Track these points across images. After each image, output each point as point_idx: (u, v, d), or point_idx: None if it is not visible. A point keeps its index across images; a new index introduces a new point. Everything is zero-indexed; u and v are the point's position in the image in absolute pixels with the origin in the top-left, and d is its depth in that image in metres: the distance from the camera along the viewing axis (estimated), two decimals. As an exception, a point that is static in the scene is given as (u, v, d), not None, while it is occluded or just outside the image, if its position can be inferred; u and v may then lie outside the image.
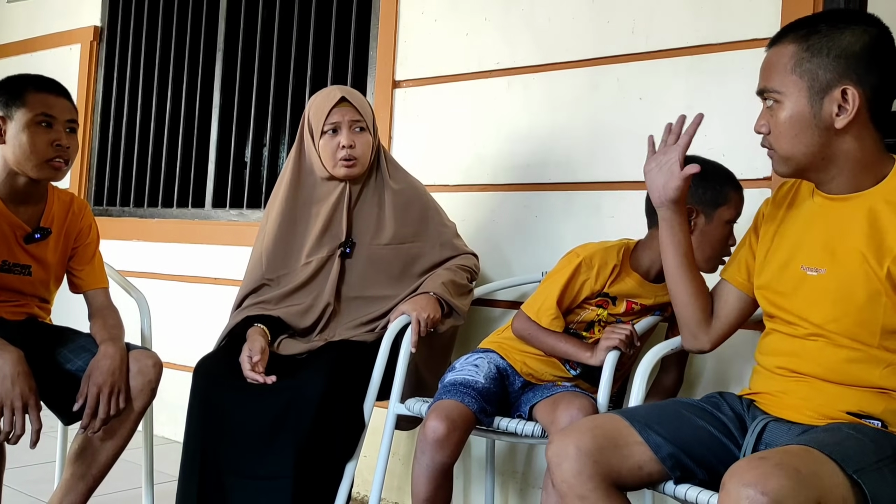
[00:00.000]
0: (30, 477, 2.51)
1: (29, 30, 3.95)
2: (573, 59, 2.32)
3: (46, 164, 1.85)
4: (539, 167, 2.37)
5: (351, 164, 2.01)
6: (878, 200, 1.31)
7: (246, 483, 1.79)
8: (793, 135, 1.32)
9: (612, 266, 1.76)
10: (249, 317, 2.01)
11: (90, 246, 2.05)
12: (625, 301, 1.77)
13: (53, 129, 1.86)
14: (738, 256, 1.54)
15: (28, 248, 1.92)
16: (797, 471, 1.07)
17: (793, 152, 1.33)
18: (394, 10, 2.70)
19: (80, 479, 1.82)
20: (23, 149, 1.83)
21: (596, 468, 1.29)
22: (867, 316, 1.29)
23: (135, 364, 1.82)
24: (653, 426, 1.34)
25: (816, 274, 1.35)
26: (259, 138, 3.26)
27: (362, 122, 2.03)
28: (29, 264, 1.93)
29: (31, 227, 1.92)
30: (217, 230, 3.18)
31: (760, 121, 1.38)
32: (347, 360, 1.91)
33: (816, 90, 1.29)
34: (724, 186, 1.70)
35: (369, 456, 2.40)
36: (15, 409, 1.63)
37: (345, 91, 2.05)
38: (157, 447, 2.21)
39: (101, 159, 3.70)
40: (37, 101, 1.85)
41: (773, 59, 1.34)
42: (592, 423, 1.36)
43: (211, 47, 3.36)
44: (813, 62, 1.29)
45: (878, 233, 1.29)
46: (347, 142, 1.99)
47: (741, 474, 1.09)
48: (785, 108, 1.32)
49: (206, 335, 2.18)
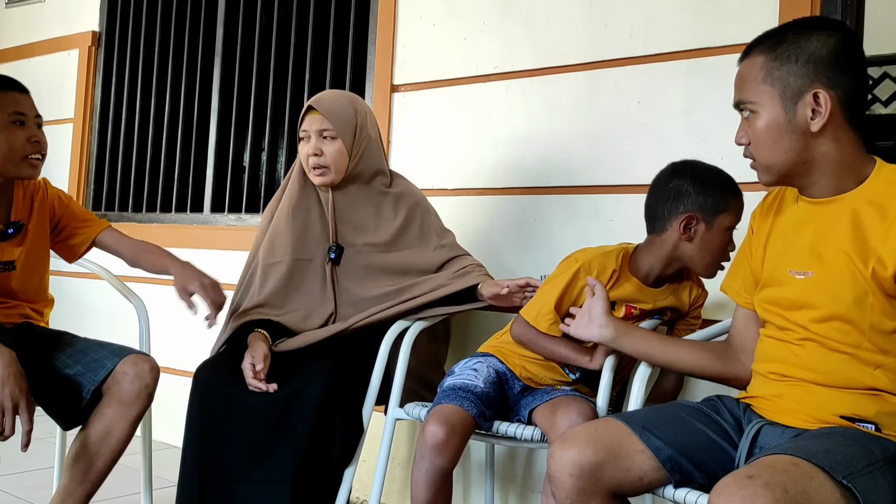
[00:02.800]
0: (29, 482, 2.51)
1: (27, 35, 3.95)
2: (571, 63, 2.33)
3: (25, 162, 1.88)
4: (538, 171, 2.37)
5: (320, 171, 2.02)
6: (860, 201, 1.33)
7: (246, 488, 1.79)
8: (771, 142, 1.34)
9: (612, 271, 1.76)
10: (250, 321, 2.00)
11: (69, 208, 2.08)
12: (624, 306, 1.76)
13: (27, 126, 1.89)
14: (739, 275, 1.54)
15: (3, 245, 1.93)
16: (785, 490, 1.07)
17: (773, 160, 1.35)
18: (392, 14, 2.70)
19: (78, 484, 1.81)
20: (0, 150, 1.85)
21: (598, 485, 1.31)
22: (855, 317, 1.30)
23: (132, 368, 1.82)
24: (652, 429, 1.35)
25: (804, 277, 1.36)
26: (257, 143, 3.26)
27: (331, 130, 2.01)
28: (11, 260, 1.93)
29: (3, 225, 1.93)
30: (216, 235, 3.18)
31: (739, 133, 1.40)
32: (346, 364, 1.91)
33: (789, 96, 1.32)
34: (723, 193, 1.69)
35: (369, 460, 2.39)
36: (5, 410, 1.63)
37: (316, 99, 2.05)
38: (156, 452, 2.21)
39: (100, 164, 3.70)
40: (7, 101, 1.87)
41: (745, 72, 1.38)
42: (593, 432, 1.36)
43: (209, 52, 3.37)
44: (783, 69, 1.32)
45: (862, 233, 1.31)
46: (312, 150, 2.00)
47: (729, 494, 1.09)
48: (761, 118, 1.35)
49: (205, 340, 2.18)
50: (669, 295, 1.80)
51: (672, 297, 1.80)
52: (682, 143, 2.10)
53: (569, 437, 1.36)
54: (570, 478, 1.30)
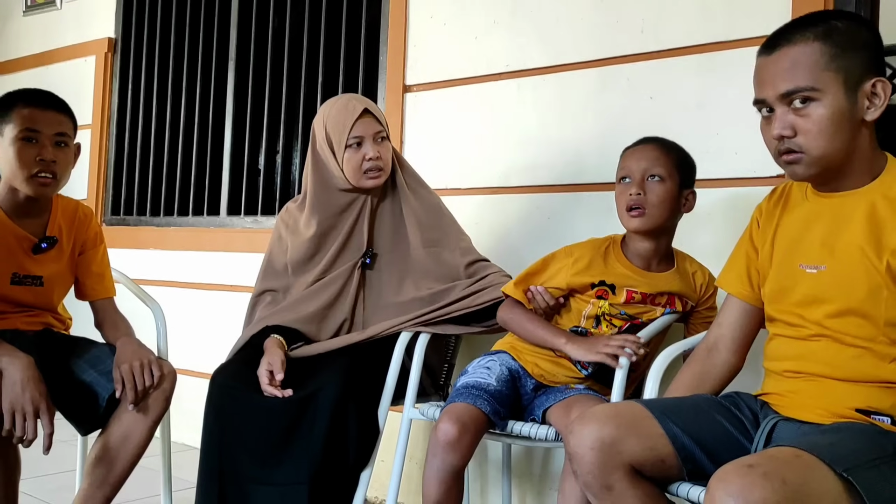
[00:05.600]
0: (52, 485, 2.54)
1: (45, 42, 4.00)
2: (582, 60, 2.32)
3: (32, 180, 1.85)
4: (550, 168, 2.37)
5: (378, 175, 2.01)
6: (876, 196, 1.32)
7: (263, 489, 1.80)
8: (832, 132, 1.29)
9: (591, 257, 1.80)
10: (266, 327, 2.01)
11: (97, 254, 2.07)
12: (624, 290, 1.77)
13: (38, 143, 1.85)
14: (736, 266, 1.53)
15: (37, 258, 1.94)
16: (784, 482, 1.06)
17: (828, 151, 1.30)
18: (403, 15, 2.71)
19: (98, 487, 1.83)
20: (10, 165, 1.85)
21: (619, 458, 1.27)
22: (869, 311, 1.29)
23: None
24: (670, 415, 1.33)
25: (816, 271, 1.35)
26: (272, 146, 3.28)
27: (384, 131, 2.03)
28: (40, 275, 1.95)
29: (38, 238, 1.94)
30: (232, 237, 3.21)
31: (779, 124, 1.31)
32: (360, 366, 1.91)
33: (851, 85, 1.29)
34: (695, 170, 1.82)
35: (387, 460, 2.40)
36: (26, 414, 1.65)
37: (365, 102, 2.03)
38: (176, 454, 2.23)
39: (118, 169, 3.74)
40: (22, 117, 1.84)
41: (798, 58, 1.30)
42: (613, 409, 1.35)
43: (223, 56, 3.39)
44: (845, 56, 1.28)
45: (877, 227, 1.29)
46: (374, 153, 1.99)
47: (728, 481, 1.08)
48: (824, 106, 1.28)
49: (223, 342, 2.20)
50: (673, 280, 1.79)
51: (677, 283, 1.79)
52: (694, 137, 2.08)
53: (588, 414, 1.34)
54: (591, 451, 1.27)
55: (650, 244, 1.79)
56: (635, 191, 1.73)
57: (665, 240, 1.80)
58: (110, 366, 1.84)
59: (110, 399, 1.82)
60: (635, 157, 1.77)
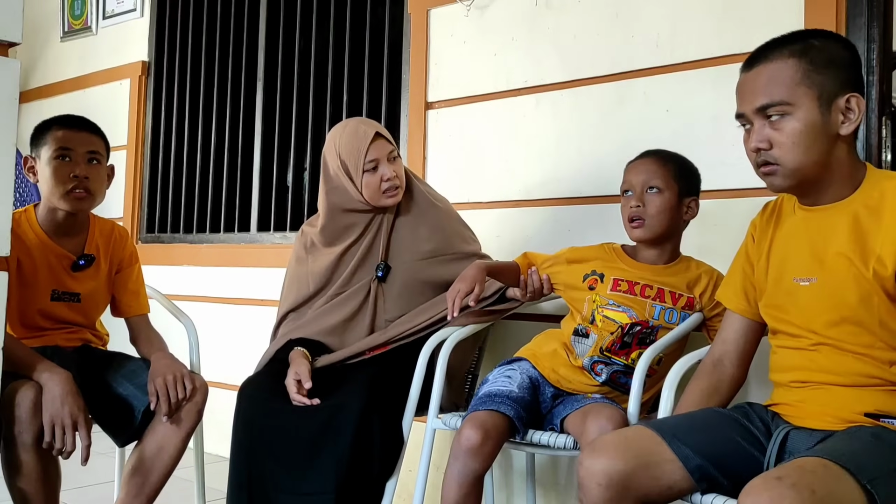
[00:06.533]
0: (90, 496, 2.62)
1: (82, 67, 4.13)
2: (599, 75, 2.36)
3: (68, 196, 1.95)
4: (570, 181, 2.40)
5: (395, 192, 2.08)
6: (857, 206, 1.36)
7: (291, 499, 1.84)
8: (806, 145, 1.34)
9: (592, 253, 1.91)
10: (290, 340, 2.08)
11: (132, 273, 2.16)
12: (611, 279, 1.85)
13: (72, 161, 1.96)
14: (733, 282, 1.56)
15: (75, 275, 2.03)
16: (812, 492, 1.09)
17: (803, 163, 1.35)
18: (424, 34, 2.77)
19: (133, 498, 1.89)
20: (48, 183, 1.95)
21: (626, 494, 1.31)
22: (863, 318, 1.32)
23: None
24: (681, 437, 1.35)
25: (808, 283, 1.38)
26: (300, 163, 3.36)
27: (395, 150, 2.10)
28: (78, 292, 2.04)
29: (76, 256, 2.03)
30: (263, 253, 3.28)
31: (757, 137, 1.37)
32: (384, 376, 1.96)
33: (825, 99, 1.33)
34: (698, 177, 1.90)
35: (413, 470, 2.44)
36: (66, 427, 1.71)
37: (373, 125, 2.10)
38: (209, 465, 2.29)
39: (152, 188, 3.85)
40: (56, 138, 1.96)
41: (774, 74, 1.36)
42: (622, 440, 1.36)
43: (251, 78, 3.48)
44: (820, 73, 1.33)
45: (861, 236, 1.33)
46: (391, 174, 2.06)
47: (757, 495, 1.11)
48: (797, 120, 1.34)
49: (253, 355, 2.26)
50: (663, 273, 1.84)
51: (667, 277, 1.84)
52: (711, 149, 2.11)
53: (598, 445, 1.36)
54: (599, 487, 1.30)
55: (654, 251, 1.87)
56: (635, 203, 1.82)
57: (669, 245, 1.87)
58: (145, 379, 1.91)
59: (145, 412, 1.89)
60: (635, 170, 1.85)
